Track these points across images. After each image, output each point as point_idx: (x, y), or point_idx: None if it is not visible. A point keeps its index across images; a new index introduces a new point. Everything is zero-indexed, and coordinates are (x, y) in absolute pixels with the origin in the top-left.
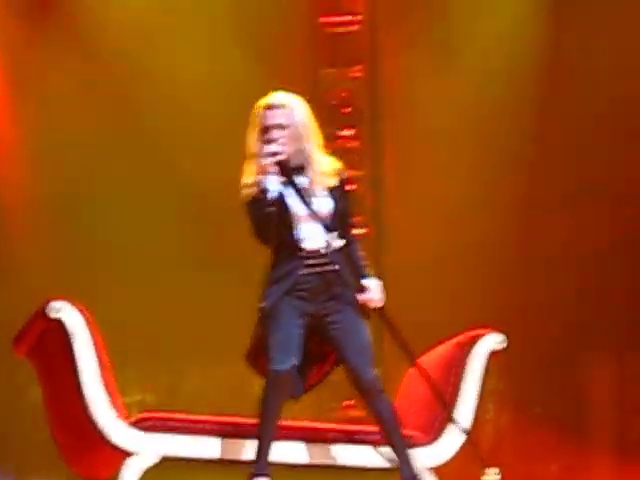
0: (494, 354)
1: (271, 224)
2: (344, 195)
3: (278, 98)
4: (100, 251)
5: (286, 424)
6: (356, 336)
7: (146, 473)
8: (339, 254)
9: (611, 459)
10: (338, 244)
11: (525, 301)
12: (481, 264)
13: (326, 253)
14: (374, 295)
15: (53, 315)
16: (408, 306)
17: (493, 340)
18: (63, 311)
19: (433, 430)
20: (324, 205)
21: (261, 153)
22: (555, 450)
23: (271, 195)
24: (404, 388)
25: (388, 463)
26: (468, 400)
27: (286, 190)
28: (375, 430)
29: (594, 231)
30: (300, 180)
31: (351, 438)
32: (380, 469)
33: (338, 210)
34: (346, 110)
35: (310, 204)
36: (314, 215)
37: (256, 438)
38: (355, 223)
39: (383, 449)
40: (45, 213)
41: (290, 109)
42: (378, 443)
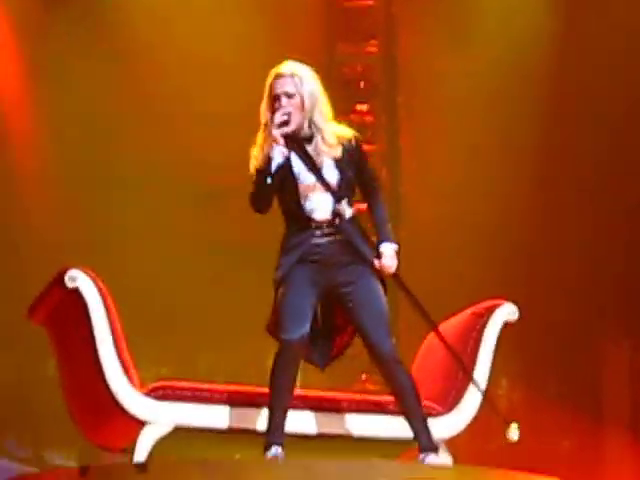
0: (507, 325)
1: (267, 195)
2: (358, 160)
3: (288, 67)
4: (116, 230)
5: (299, 393)
6: (372, 306)
7: (160, 442)
8: (351, 222)
9: (624, 437)
10: (348, 213)
11: (541, 278)
12: (498, 239)
13: (337, 222)
14: (388, 261)
15: (70, 284)
16: (424, 279)
17: (507, 311)
18: (80, 280)
19: (449, 400)
20: (333, 175)
21: (271, 122)
22: (568, 427)
23: (275, 165)
24: (420, 359)
25: (404, 433)
26: (483, 369)
27: (294, 160)
28: (390, 400)
29: (611, 213)
30: (308, 150)
31: (366, 408)
32: (396, 439)
33: (346, 178)
34: (361, 84)
35: (318, 174)
36: (323, 185)
37: (268, 408)
38: (378, 185)
39: (400, 419)
40: (63, 194)
41: (299, 78)
42: (394, 413)
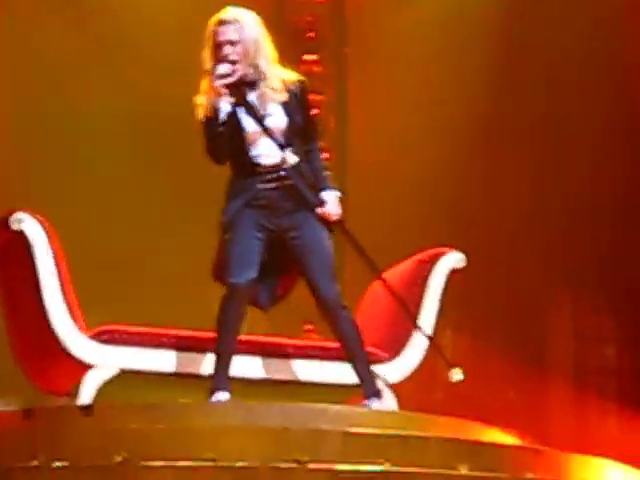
0: (454, 272)
1: (221, 144)
2: (302, 105)
3: (229, 14)
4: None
5: (245, 338)
6: (317, 252)
7: (105, 386)
8: (297, 168)
9: (568, 386)
10: (293, 160)
11: (487, 229)
12: (444, 189)
13: (283, 168)
14: (331, 208)
15: (15, 226)
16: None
17: (453, 258)
18: (26, 222)
19: (394, 346)
20: (278, 121)
21: (214, 71)
22: (512, 377)
23: (222, 115)
24: (365, 305)
25: (350, 379)
26: (429, 315)
27: (239, 108)
28: (335, 346)
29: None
30: (253, 97)
31: (311, 353)
32: (342, 385)
33: (294, 123)
34: (310, 35)
35: (263, 120)
36: (266, 133)
37: (215, 352)
38: (317, 133)
39: (345, 365)
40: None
41: (241, 25)
42: (339, 359)
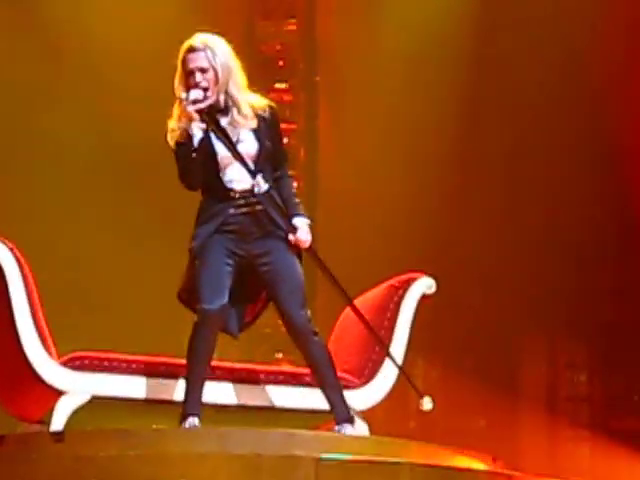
0: (424, 298)
1: (195, 170)
2: (272, 131)
3: (199, 40)
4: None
5: (217, 364)
6: (287, 277)
7: (77, 412)
8: (268, 194)
9: (539, 415)
10: (264, 187)
11: (457, 260)
12: (416, 218)
13: (255, 194)
14: (302, 235)
15: None
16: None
17: (425, 284)
18: None
19: (365, 372)
20: (249, 147)
21: (186, 97)
22: (484, 405)
23: (195, 140)
24: (337, 331)
25: (322, 405)
26: (400, 342)
27: (211, 134)
28: (307, 372)
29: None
30: (224, 122)
31: (283, 380)
32: (314, 411)
33: (265, 149)
34: (280, 63)
35: (235, 146)
36: (239, 157)
37: (186, 378)
38: (287, 159)
39: (317, 391)
40: None
41: (211, 51)
42: (311, 385)
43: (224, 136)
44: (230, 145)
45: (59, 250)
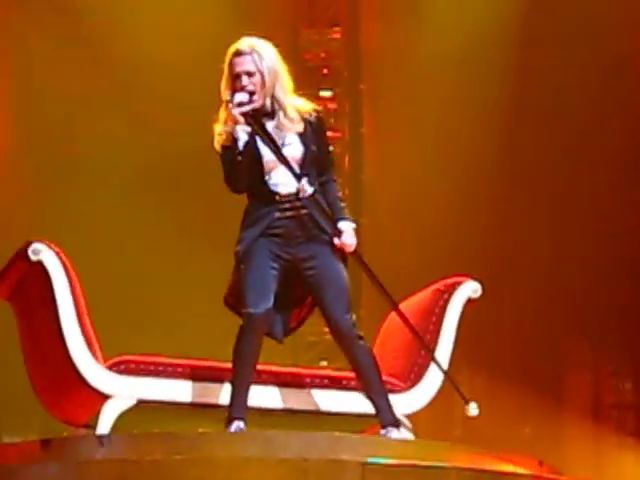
0: (470, 302)
1: (240, 173)
2: (318, 135)
3: (246, 44)
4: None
5: (262, 368)
6: (333, 282)
7: (122, 416)
8: (313, 198)
9: (585, 423)
10: (309, 190)
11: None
12: (462, 226)
13: (300, 197)
14: (347, 239)
15: (33, 257)
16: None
17: (470, 288)
18: (43, 253)
19: (411, 376)
20: (294, 150)
21: (231, 101)
22: (529, 413)
23: (240, 144)
24: (383, 335)
25: (367, 409)
26: (446, 346)
27: (257, 137)
28: (352, 376)
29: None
30: (270, 126)
31: (329, 384)
32: (359, 415)
33: (310, 153)
34: (325, 71)
35: (280, 150)
36: (284, 161)
37: (231, 382)
38: (333, 163)
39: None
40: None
41: (258, 55)
42: (356, 389)
43: (269, 139)
44: (275, 148)
45: (106, 256)
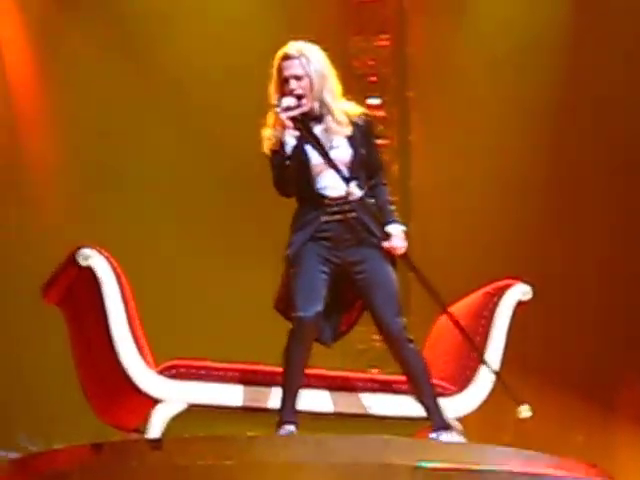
0: (520, 305)
1: (288, 177)
2: (367, 138)
3: (295, 48)
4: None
5: (313, 372)
6: (382, 285)
7: (173, 421)
8: (362, 201)
9: (637, 431)
10: (358, 193)
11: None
12: (512, 234)
13: (348, 201)
14: (397, 242)
15: (83, 262)
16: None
17: (520, 290)
18: (93, 258)
19: (461, 379)
20: (343, 153)
21: (279, 105)
22: (581, 420)
23: (288, 148)
24: (432, 338)
25: (418, 412)
26: (496, 348)
27: (304, 141)
28: (403, 379)
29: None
30: (318, 130)
31: (378, 387)
32: (410, 418)
33: (359, 156)
34: (372, 79)
35: (328, 153)
36: (332, 164)
37: (282, 386)
38: (382, 166)
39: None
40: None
41: (306, 59)
42: (407, 392)
43: (317, 143)
44: (323, 152)
45: (155, 262)
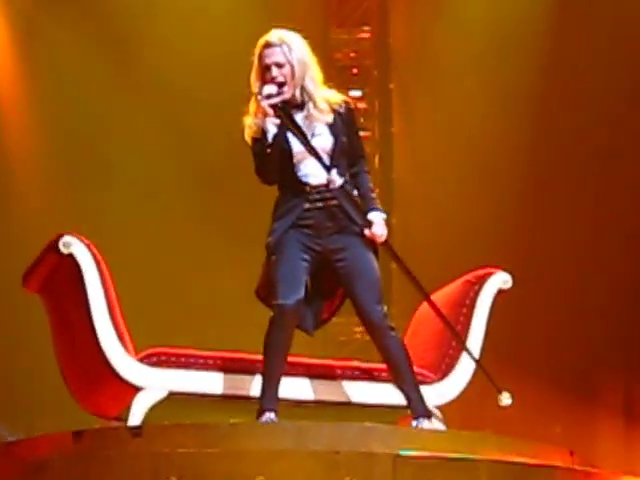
0: (500, 293)
1: (270, 165)
2: (348, 126)
3: (276, 36)
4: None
5: (293, 360)
6: (364, 273)
7: (154, 408)
8: (343, 189)
9: (616, 422)
10: (339, 181)
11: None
12: (490, 224)
13: (330, 188)
14: (378, 230)
15: (64, 250)
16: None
17: (501, 279)
18: (74, 246)
19: (441, 368)
20: (324, 141)
21: (260, 92)
22: (559, 412)
23: (269, 135)
24: (413, 326)
25: (399, 400)
26: (477, 337)
27: (286, 129)
28: (384, 367)
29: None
30: (300, 117)
31: (359, 375)
32: (391, 407)
33: (340, 144)
34: (354, 71)
35: (309, 141)
36: (314, 152)
37: (262, 373)
38: (364, 154)
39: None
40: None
41: (288, 47)
42: (388, 380)
43: (298, 131)
44: (304, 140)
45: (137, 251)
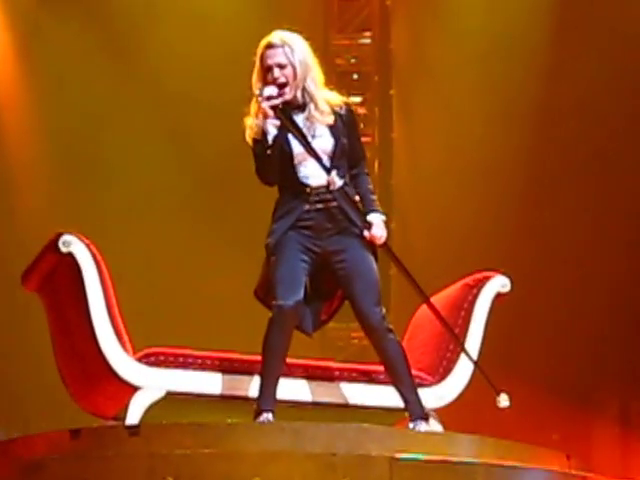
0: (499, 297)
1: (270, 166)
2: (349, 128)
3: (278, 36)
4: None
5: (291, 361)
6: (363, 274)
7: (151, 408)
8: (343, 190)
9: (614, 429)
10: (339, 183)
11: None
12: (489, 230)
13: (330, 190)
14: (377, 231)
15: (63, 249)
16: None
17: (499, 283)
18: (73, 245)
19: (439, 370)
20: (325, 143)
21: (261, 94)
22: (557, 419)
23: (270, 137)
24: (412, 329)
25: (396, 403)
26: (475, 340)
27: (287, 130)
28: (382, 369)
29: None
30: (300, 119)
31: (357, 377)
32: (389, 409)
33: (341, 146)
34: (355, 76)
35: (309, 143)
36: (314, 153)
37: (261, 374)
38: (364, 156)
39: (390, 388)
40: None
41: (290, 48)
42: (385, 382)
43: (298, 132)
44: (304, 141)
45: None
